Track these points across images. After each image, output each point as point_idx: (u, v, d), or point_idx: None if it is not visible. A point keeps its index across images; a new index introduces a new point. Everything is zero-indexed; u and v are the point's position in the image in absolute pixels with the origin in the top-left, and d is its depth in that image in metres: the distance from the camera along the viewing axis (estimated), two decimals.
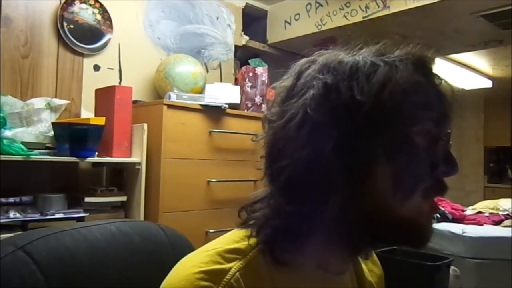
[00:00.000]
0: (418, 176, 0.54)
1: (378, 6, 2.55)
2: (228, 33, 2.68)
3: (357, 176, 0.53)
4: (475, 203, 3.97)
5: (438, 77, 0.58)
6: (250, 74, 2.55)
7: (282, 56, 3.18)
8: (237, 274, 0.54)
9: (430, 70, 0.58)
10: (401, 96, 0.53)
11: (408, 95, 0.53)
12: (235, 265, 0.55)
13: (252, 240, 0.58)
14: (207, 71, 2.76)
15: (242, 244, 0.58)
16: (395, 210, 0.54)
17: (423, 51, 0.59)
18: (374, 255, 0.77)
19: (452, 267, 2.55)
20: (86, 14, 2.26)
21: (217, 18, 2.66)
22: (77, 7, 2.22)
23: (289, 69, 0.61)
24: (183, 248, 0.83)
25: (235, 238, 0.60)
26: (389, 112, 0.53)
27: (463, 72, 4.43)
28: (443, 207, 3.49)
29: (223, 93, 2.37)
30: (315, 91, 0.55)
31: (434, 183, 0.56)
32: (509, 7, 2.36)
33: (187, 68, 2.37)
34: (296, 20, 3.00)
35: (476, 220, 3.43)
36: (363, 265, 0.72)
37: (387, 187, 0.54)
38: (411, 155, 0.54)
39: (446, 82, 0.58)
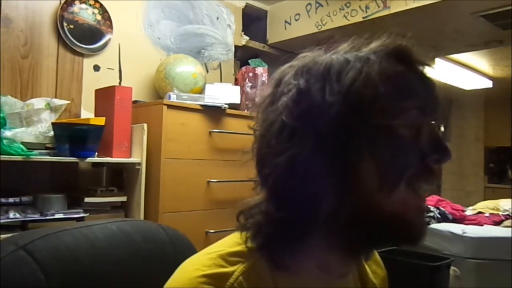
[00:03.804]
0: (405, 167, 0.53)
1: (378, 6, 2.55)
2: (228, 33, 2.68)
3: (341, 175, 0.53)
4: (475, 203, 3.97)
5: (420, 63, 0.57)
6: (250, 74, 2.55)
7: (282, 56, 3.16)
8: (240, 277, 0.54)
9: (407, 58, 0.56)
10: (373, 90, 0.52)
11: (380, 87, 0.52)
12: (238, 269, 0.55)
13: (252, 244, 0.58)
14: (207, 71, 2.75)
15: (245, 247, 0.58)
16: (385, 205, 0.53)
17: (397, 40, 0.57)
18: (378, 257, 0.77)
19: (452, 268, 2.55)
20: (86, 14, 2.25)
21: (217, 18, 2.66)
22: (77, 7, 2.22)
23: (271, 76, 0.62)
24: (184, 247, 0.83)
25: (237, 240, 0.59)
26: (362, 107, 0.52)
27: (463, 72, 4.43)
28: (443, 207, 3.49)
29: (223, 93, 2.37)
30: (288, 98, 0.55)
31: (423, 172, 0.54)
32: (509, 7, 2.36)
33: (187, 68, 2.37)
34: (296, 20, 3.00)
35: (476, 220, 3.43)
36: (367, 267, 0.71)
37: (374, 182, 0.53)
38: (395, 147, 0.53)
39: (429, 66, 0.57)
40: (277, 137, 0.55)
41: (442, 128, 0.58)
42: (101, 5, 2.30)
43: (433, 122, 0.56)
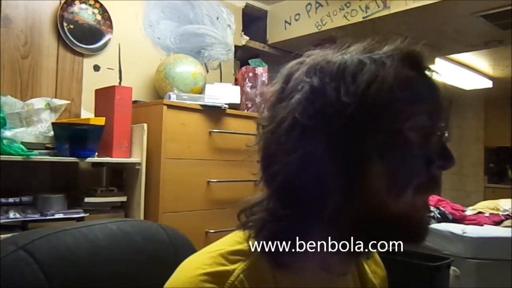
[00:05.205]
0: (413, 172, 0.54)
1: (378, 6, 2.55)
2: (228, 33, 2.68)
3: (350, 176, 0.53)
4: (475, 203, 3.97)
5: (429, 69, 0.58)
6: (250, 74, 2.55)
7: (282, 56, 3.18)
8: (241, 275, 0.54)
9: (420, 63, 0.57)
10: (388, 94, 0.53)
11: (396, 91, 0.53)
12: (238, 267, 0.55)
13: (254, 242, 0.58)
14: (207, 71, 2.75)
15: (245, 246, 0.58)
16: (391, 207, 0.54)
17: (411, 45, 0.58)
18: (378, 257, 0.77)
19: (452, 268, 2.54)
20: (86, 14, 2.25)
21: (217, 18, 2.66)
22: (77, 7, 2.22)
23: (279, 72, 0.61)
24: (184, 247, 0.83)
25: (237, 239, 0.59)
26: (377, 110, 0.53)
27: (463, 72, 4.43)
28: (443, 207, 3.49)
29: (223, 93, 2.37)
30: (301, 95, 0.55)
31: (428, 178, 0.55)
32: (509, 7, 2.36)
33: (187, 68, 2.37)
34: (296, 20, 3.00)
35: (476, 220, 3.43)
36: (366, 267, 0.72)
37: (382, 184, 0.53)
38: (404, 151, 0.53)
39: (438, 74, 0.58)
40: (287, 135, 0.55)
41: (446, 134, 0.59)
42: (101, 5, 2.30)
43: (440, 128, 0.57)
